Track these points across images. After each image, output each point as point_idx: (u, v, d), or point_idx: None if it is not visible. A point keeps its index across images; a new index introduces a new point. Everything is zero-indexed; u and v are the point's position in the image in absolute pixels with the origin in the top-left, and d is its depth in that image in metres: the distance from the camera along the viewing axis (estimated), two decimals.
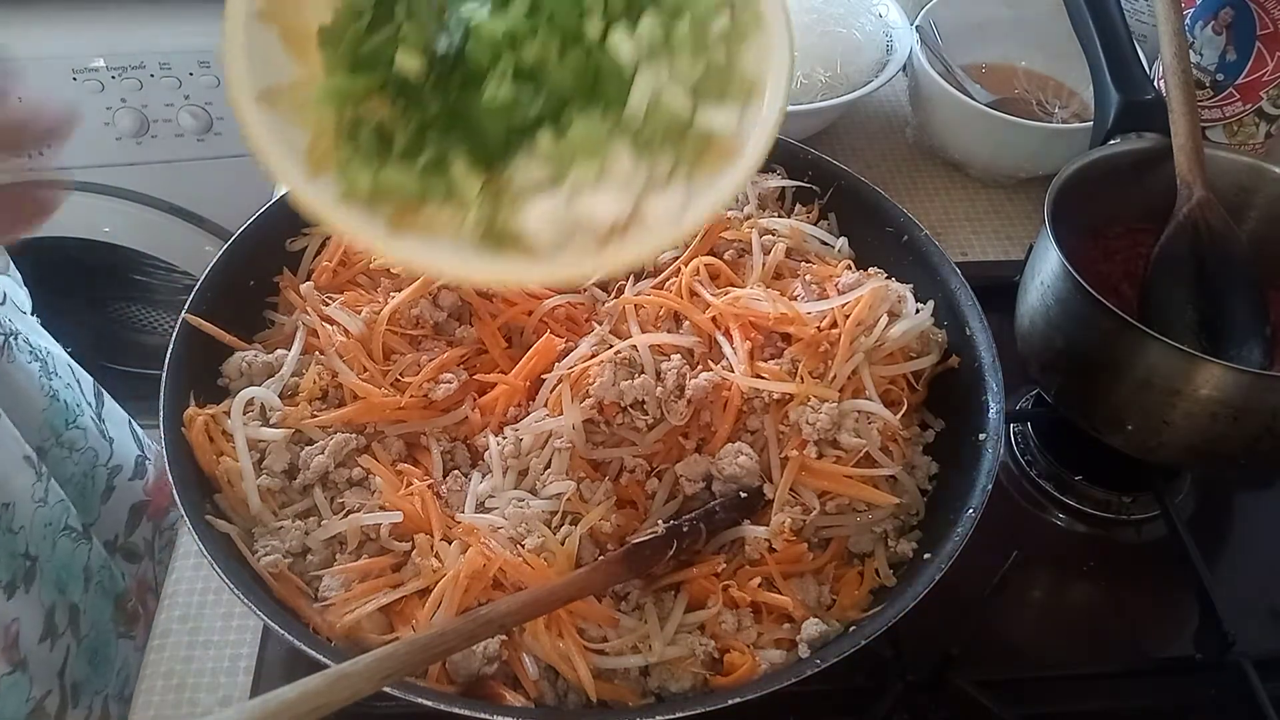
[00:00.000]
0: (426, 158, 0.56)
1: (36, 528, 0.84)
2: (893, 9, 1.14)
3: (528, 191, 0.57)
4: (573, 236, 0.57)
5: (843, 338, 0.75)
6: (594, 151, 0.56)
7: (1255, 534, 0.88)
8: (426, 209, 0.57)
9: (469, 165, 0.56)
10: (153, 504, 1.05)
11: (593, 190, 0.56)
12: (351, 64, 0.56)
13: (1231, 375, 0.69)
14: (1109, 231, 0.87)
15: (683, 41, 0.57)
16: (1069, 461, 0.87)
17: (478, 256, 0.57)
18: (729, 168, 0.59)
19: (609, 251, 0.57)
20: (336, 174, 0.56)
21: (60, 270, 1.65)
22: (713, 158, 0.59)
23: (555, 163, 0.56)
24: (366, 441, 0.74)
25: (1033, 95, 1.12)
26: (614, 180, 0.56)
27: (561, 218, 0.56)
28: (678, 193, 0.58)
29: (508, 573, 0.66)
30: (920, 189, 1.13)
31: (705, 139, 0.59)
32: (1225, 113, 1.02)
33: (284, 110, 0.56)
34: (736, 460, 0.71)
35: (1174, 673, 0.77)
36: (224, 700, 0.72)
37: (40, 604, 0.83)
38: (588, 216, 0.57)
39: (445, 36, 0.55)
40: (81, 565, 0.90)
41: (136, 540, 1.03)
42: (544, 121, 0.56)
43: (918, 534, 0.72)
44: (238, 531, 0.68)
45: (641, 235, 0.58)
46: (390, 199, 0.57)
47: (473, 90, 0.55)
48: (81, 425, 0.96)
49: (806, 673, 0.61)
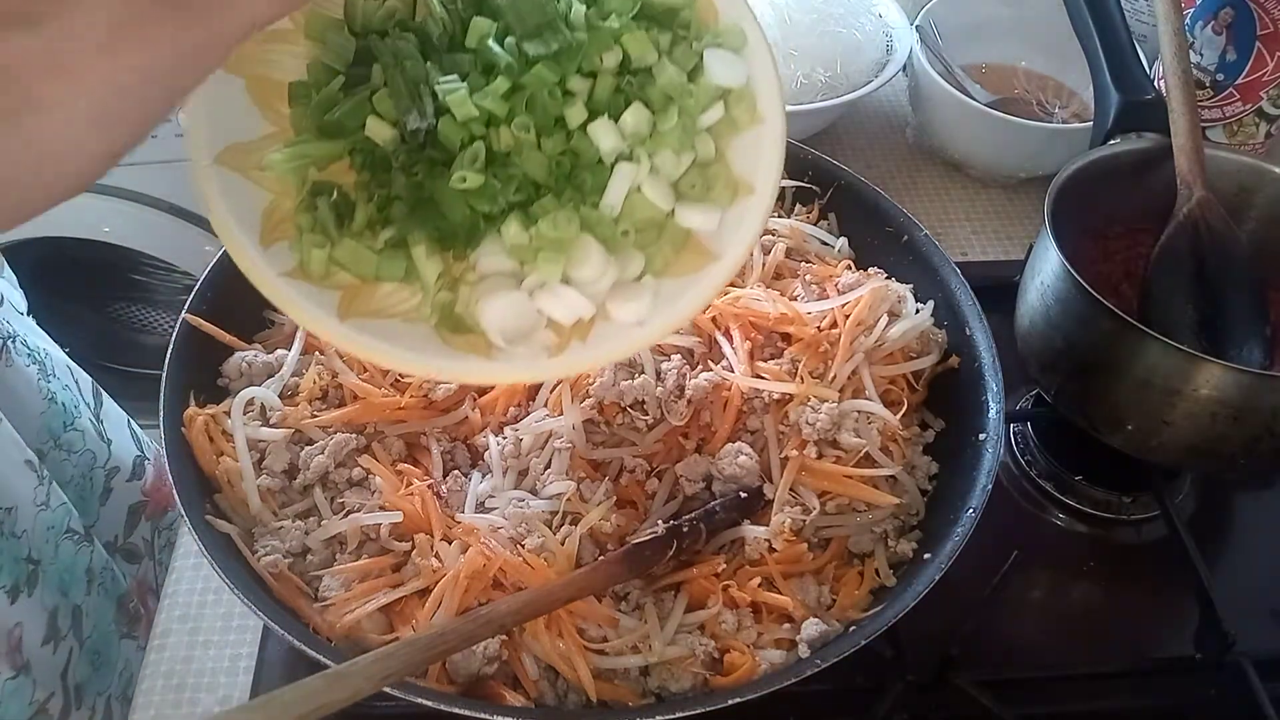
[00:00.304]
0: (387, 237, 0.54)
1: (39, 531, 0.84)
2: (893, 9, 1.14)
3: (490, 280, 0.54)
4: (531, 333, 0.54)
5: (843, 338, 0.75)
6: (562, 248, 0.53)
7: (1255, 534, 0.87)
8: (382, 288, 0.54)
9: (430, 248, 0.53)
10: (151, 504, 1.05)
11: (557, 288, 0.54)
12: (320, 127, 0.53)
13: (1231, 375, 0.69)
14: (1109, 231, 0.87)
15: (669, 135, 0.54)
16: (1069, 461, 0.87)
17: (429, 348, 0.54)
18: (704, 273, 0.56)
19: (567, 355, 0.55)
20: (292, 243, 0.53)
21: (60, 270, 1.65)
22: (688, 256, 0.56)
23: (520, 254, 0.54)
24: (366, 441, 0.74)
25: (1033, 95, 1.12)
26: (581, 279, 0.54)
27: (522, 313, 0.54)
28: (646, 296, 0.55)
29: (508, 573, 0.65)
30: (920, 189, 1.13)
31: (682, 236, 0.56)
32: (1225, 113, 1.02)
33: (245, 168, 0.52)
34: (736, 460, 0.71)
35: (1174, 673, 0.77)
36: (224, 700, 0.72)
37: (43, 607, 0.83)
38: (550, 314, 0.54)
39: (418, 115, 0.52)
40: (84, 567, 0.90)
41: (136, 540, 1.03)
42: (513, 208, 0.53)
43: (918, 534, 0.72)
44: (238, 531, 0.68)
45: (603, 339, 0.55)
46: (344, 274, 0.54)
47: (441, 171, 0.53)
48: (80, 427, 0.96)
49: (806, 673, 0.61)
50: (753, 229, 0.56)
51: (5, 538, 0.80)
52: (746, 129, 0.56)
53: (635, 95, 0.54)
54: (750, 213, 0.56)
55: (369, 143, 0.53)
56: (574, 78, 0.52)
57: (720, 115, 0.56)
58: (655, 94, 0.54)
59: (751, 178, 0.56)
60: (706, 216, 0.55)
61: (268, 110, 0.53)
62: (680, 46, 0.55)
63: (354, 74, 0.53)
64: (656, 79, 0.53)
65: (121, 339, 1.82)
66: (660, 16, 0.54)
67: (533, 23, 0.51)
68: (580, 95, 0.53)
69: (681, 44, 0.55)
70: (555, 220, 0.52)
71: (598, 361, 0.57)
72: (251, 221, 0.52)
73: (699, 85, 0.55)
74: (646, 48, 0.53)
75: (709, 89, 0.55)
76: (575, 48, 0.52)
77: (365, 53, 0.53)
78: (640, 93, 0.54)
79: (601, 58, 0.53)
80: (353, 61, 0.53)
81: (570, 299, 0.54)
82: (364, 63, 0.53)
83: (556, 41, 0.51)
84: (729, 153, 0.57)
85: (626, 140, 0.54)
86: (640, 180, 0.54)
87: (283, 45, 0.53)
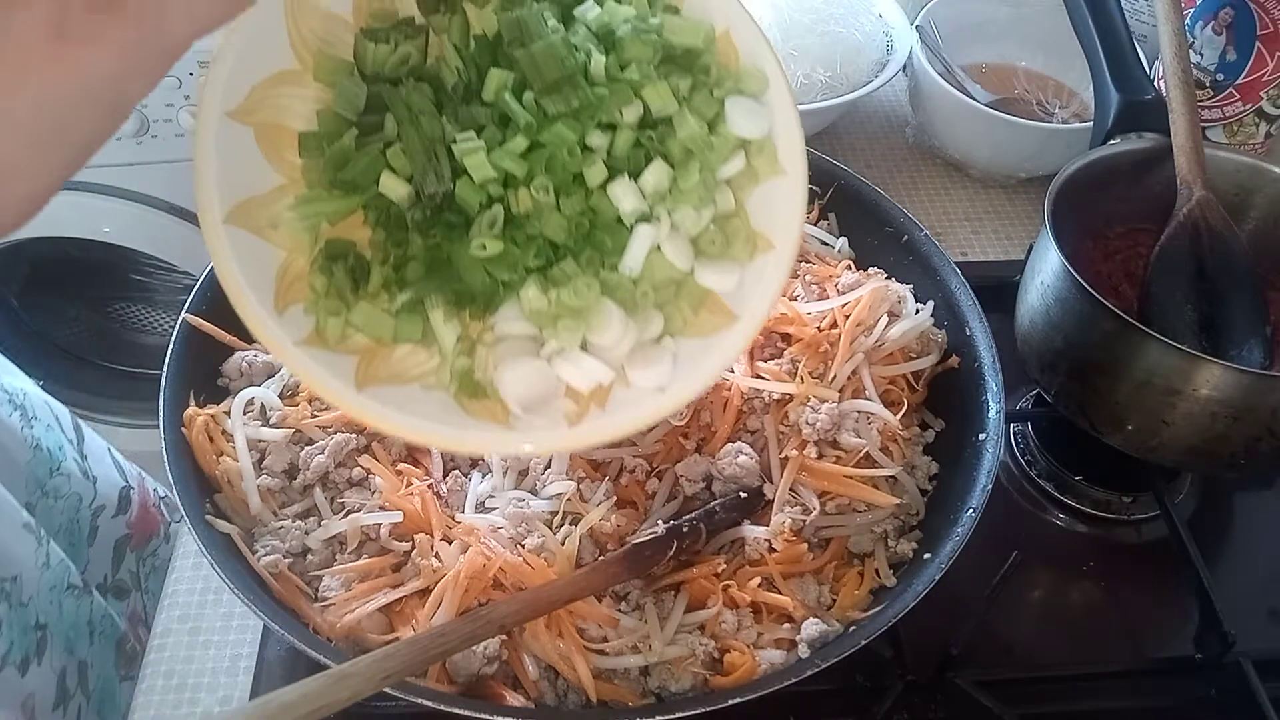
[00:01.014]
0: (403, 300, 0.52)
1: (43, 594, 0.82)
2: (893, 9, 1.14)
3: (507, 343, 0.53)
4: (550, 401, 0.53)
5: (843, 338, 0.75)
6: (582, 316, 0.52)
7: (1255, 534, 0.87)
8: (399, 350, 0.53)
9: (448, 312, 0.52)
10: (135, 536, 1.02)
11: (576, 355, 0.53)
12: (332, 181, 0.51)
13: (1231, 375, 0.69)
14: (1109, 231, 0.87)
15: (690, 192, 0.52)
16: (1069, 461, 0.87)
17: (448, 417, 0.53)
18: (723, 334, 0.54)
19: (586, 424, 0.54)
20: (307, 306, 0.52)
21: (60, 270, 1.65)
22: (706, 315, 0.55)
23: (539, 320, 0.53)
24: (366, 441, 0.74)
25: (1033, 95, 1.12)
26: (600, 344, 0.53)
27: (541, 380, 0.53)
28: (666, 360, 0.54)
29: (508, 573, 0.65)
30: (920, 189, 1.13)
31: (700, 293, 0.55)
32: (1225, 113, 1.02)
33: (256, 226, 0.51)
34: (736, 460, 0.71)
35: (1174, 673, 0.77)
36: (224, 700, 0.72)
37: (53, 671, 0.81)
38: (569, 381, 0.53)
39: (435, 178, 0.50)
40: (85, 620, 0.88)
41: (124, 575, 1.00)
42: (531, 272, 0.52)
43: (918, 534, 0.72)
44: (238, 531, 0.68)
45: (623, 406, 0.54)
46: (361, 336, 0.53)
47: (459, 235, 0.51)
48: (65, 470, 0.93)
49: (806, 673, 0.61)
50: (773, 287, 0.54)
51: (14, 609, 0.78)
52: (767, 180, 0.55)
53: (655, 150, 0.52)
54: (770, 269, 0.54)
55: (383, 199, 0.52)
56: (593, 132, 0.51)
57: (741, 167, 0.54)
58: (675, 147, 0.52)
59: (771, 232, 0.55)
60: (726, 276, 0.54)
61: (277, 160, 0.52)
62: (700, 93, 0.53)
63: (366, 122, 0.52)
64: (677, 132, 0.52)
65: (121, 339, 1.82)
66: (680, 60, 0.53)
67: (551, 77, 0.50)
68: (600, 151, 0.51)
69: (702, 90, 0.53)
70: (575, 288, 0.51)
71: (619, 431, 0.55)
72: (265, 284, 0.51)
73: (719, 135, 0.53)
74: (668, 100, 0.51)
75: (730, 139, 0.53)
76: (596, 104, 0.50)
77: (377, 98, 0.52)
78: (660, 146, 0.52)
79: (622, 111, 0.51)
80: (365, 108, 0.51)
81: (589, 366, 0.53)
82: (376, 109, 0.52)
83: (576, 98, 0.50)
84: (748, 204, 0.55)
85: (647, 199, 0.52)
86: (660, 240, 0.53)
87: (291, 88, 0.51)
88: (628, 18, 0.52)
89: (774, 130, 0.54)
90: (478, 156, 0.50)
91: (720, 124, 0.54)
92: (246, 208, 0.50)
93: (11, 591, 0.79)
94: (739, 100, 0.54)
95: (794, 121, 0.54)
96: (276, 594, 0.66)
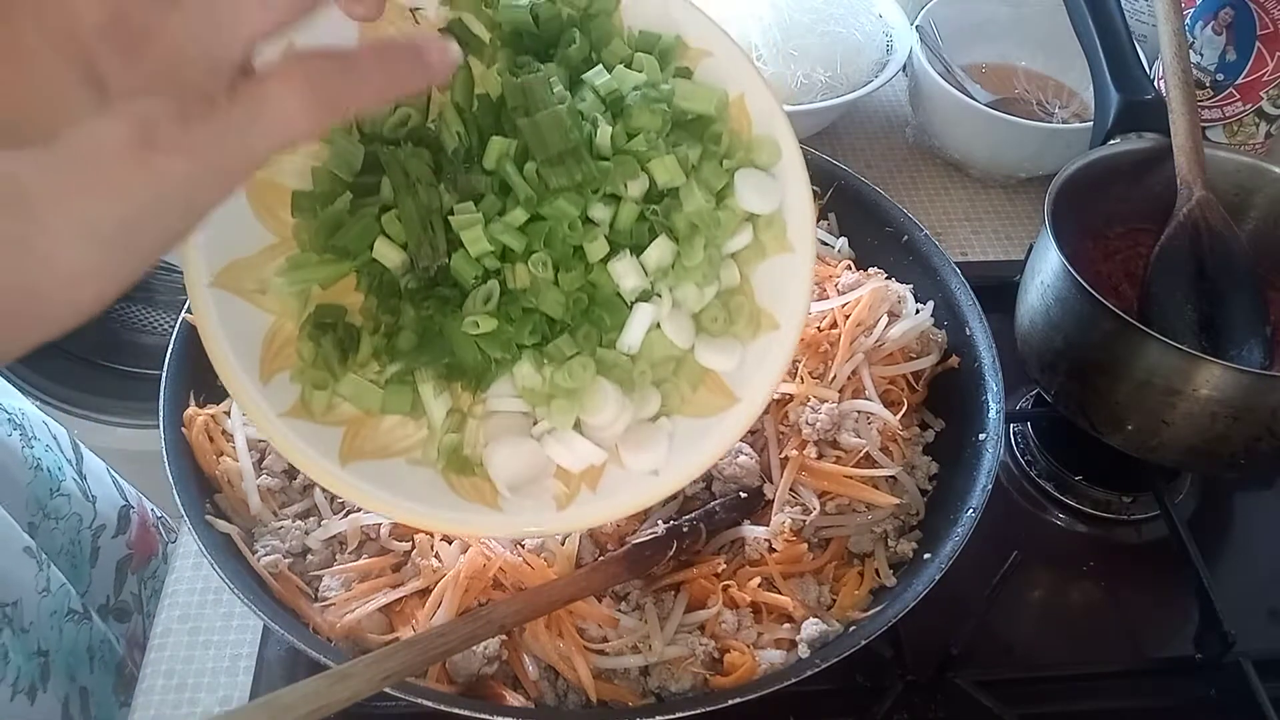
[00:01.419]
0: (393, 370, 0.51)
1: (43, 619, 0.81)
2: (893, 9, 1.14)
3: (498, 418, 0.52)
4: (539, 480, 0.52)
5: (843, 338, 0.75)
6: (577, 397, 0.50)
7: (1255, 534, 0.87)
8: (386, 421, 0.52)
9: (439, 385, 0.51)
10: (136, 556, 1.01)
11: (568, 436, 0.51)
12: (324, 246, 0.49)
13: (1231, 375, 0.69)
14: (1109, 231, 0.87)
15: (695, 269, 0.50)
16: (1069, 461, 0.87)
17: (434, 497, 0.51)
18: (722, 416, 0.53)
19: (575, 508, 0.52)
20: (293, 374, 0.50)
21: None
22: (705, 394, 0.54)
23: (532, 399, 0.51)
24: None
25: (1033, 95, 1.12)
26: (594, 424, 0.51)
27: (531, 461, 0.51)
28: (662, 442, 0.53)
29: (508, 573, 0.65)
30: (920, 189, 1.13)
31: (699, 372, 0.53)
32: (1225, 113, 1.02)
33: (244, 290, 0.49)
34: (736, 460, 0.71)
35: (1174, 673, 0.77)
36: (224, 700, 0.72)
37: (58, 700, 0.81)
38: (559, 462, 0.52)
39: (430, 251, 0.49)
40: (85, 646, 0.87)
41: (126, 598, 0.99)
42: (526, 349, 0.50)
43: (918, 534, 0.72)
44: (238, 531, 0.68)
45: (615, 489, 0.53)
46: (347, 406, 0.51)
47: (453, 309, 0.50)
48: (65, 491, 0.92)
49: (806, 673, 0.61)
50: (776, 368, 0.53)
51: (16, 634, 0.77)
52: (774, 256, 0.53)
53: (660, 225, 0.50)
54: (773, 351, 0.53)
55: (377, 265, 0.50)
56: (595, 204, 0.49)
57: (748, 241, 0.53)
58: (681, 221, 0.50)
59: (776, 310, 0.53)
60: (727, 355, 0.53)
61: (268, 218, 0.50)
62: (710, 164, 0.51)
63: (362, 184, 0.50)
64: (684, 205, 0.50)
65: (121, 339, 1.82)
66: (691, 126, 0.51)
67: (555, 149, 0.47)
68: (602, 225, 0.49)
69: (711, 160, 0.51)
70: (570, 370, 0.50)
71: (609, 516, 0.54)
72: (251, 351, 0.49)
73: (726, 209, 0.51)
74: (675, 174, 0.50)
75: (737, 213, 0.52)
76: (600, 177, 0.48)
77: (374, 159, 0.50)
78: (665, 220, 0.50)
79: (626, 184, 0.50)
80: (361, 169, 0.50)
81: (581, 447, 0.52)
82: (373, 170, 0.50)
83: (580, 171, 0.48)
84: (753, 280, 0.54)
85: (649, 276, 0.51)
86: (660, 317, 0.51)
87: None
88: (638, 84, 0.50)
89: (784, 205, 0.52)
90: (475, 230, 0.48)
91: (729, 196, 0.52)
92: (234, 270, 0.49)
93: (13, 617, 0.78)
94: (749, 173, 0.52)
95: (805, 196, 0.52)
96: (276, 594, 0.66)
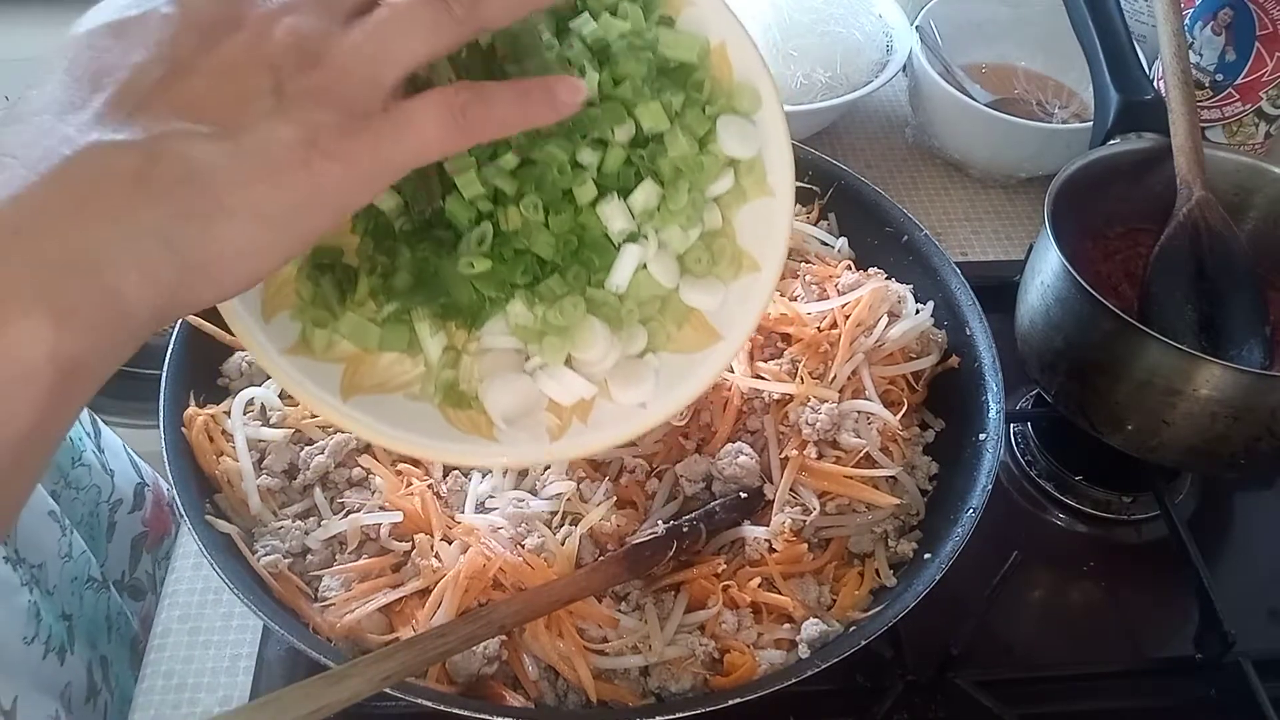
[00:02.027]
0: (390, 309, 0.53)
1: (65, 584, 0.83)
2: (892, 9, 1.14)
3: (492, 355, 0.54)
4: (532, 413, 0.54)
5: (843, 338, 0.75)
6: (567, 334, 0.52)
7: (1255, 534, 0.87)
8: (385, 358, 0.54)
9: (434, 324, 0.53)
10: (150, 534, 1.02)
11: (559, 371, 0.53)
12: None
13: (1231, 375, 0.69)
14: (1109, 231, 0.87)
15: (679, 212, 0.53)
16: (1069, 461, 0.87)
17: (432, 429, 0.54)
18: (706, 353, 0.55)
19: (568, 439, 0.55)
20: (293, 312, 0.52)
21: None
22: (690, 332, 0.56)
23: (524, 335, 0.53)
24: (367, 441, 0.74)
25: (1033, 95, 1.12)
26: (584, 360, 0.53)
27: (524, 395, 0.54)
28: (648, 378, 0.55)
29: (508, 573, 0.65)
30: (920, 189, 1.13)
31: (684, 310, 0.55)
32: (1225, 113, 1.02)
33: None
34: (736, 460, 0.71)
35: (1174, 673, 0.77)
36: (224, 700, 0.72)
37: (82, 664, 0.81)
38: (551, 395, 0.54)
39: (425, 197, 0.51)
40: (104, 615, 0.88)
41: (140, 576, 1.00)
42: (518, 288, 0.52)
43: (918, 534, 0.72)
44: (238, 531, 0.68)
45: (605, 421, 0.55)
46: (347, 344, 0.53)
47: (447, 250, 0.51)
48: (86, 462, 0.93)
49: (806, 673, 0.61)
50: (757, 307, 0.55)
51: (43, 596, 0.78)
52: (754, 200, 0.55)
53: (646, 169, 0.52)
54: (754, 290, 0.55)
55: (372, 208, 0.52)
56: (584, 149, 0.51)
57: (730, 186, 0.54)
58: (666, 165, 0.52)
59: (757, 252, 0.55)
60: (710, 294, 0.55)
61: None
62: (692, 110, 0.53)
63: None
64: (668, 150, 0.52)
65: None
66: (674, 74, 0.53)
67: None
68: (590, 169, 0.51)
69: (694, 108, 0.53)
70: (561, 308, 0.51)
71: (600, 445, 0.56)
72: (253, 291, 0.51)
73: (709, 154, 0.53)
74: (660, 119, 0.51)
75: (719, 158, 0.53)
76: (589, 122, 0.50)
77: None
78: (651, 165, 0.52)
79: (614, 129, 0.51)
80: None
81: (572, 382, 0.54)
82: None
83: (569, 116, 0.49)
84: (734, 223, 0.55)
85: (636, 218, 0.52)
86: (647, 258, 0.53)
87: None
88: (623, 32, 0.51)
89: (764, 151, 0.54)
90: (468, 175, 0.49)
91: (711, 142, 0.53)
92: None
93: (40, 579, 0.79)
94: (731, 119, 0.53)
95: (784, 142, 0.54)
96: (276, 594, 0.66)
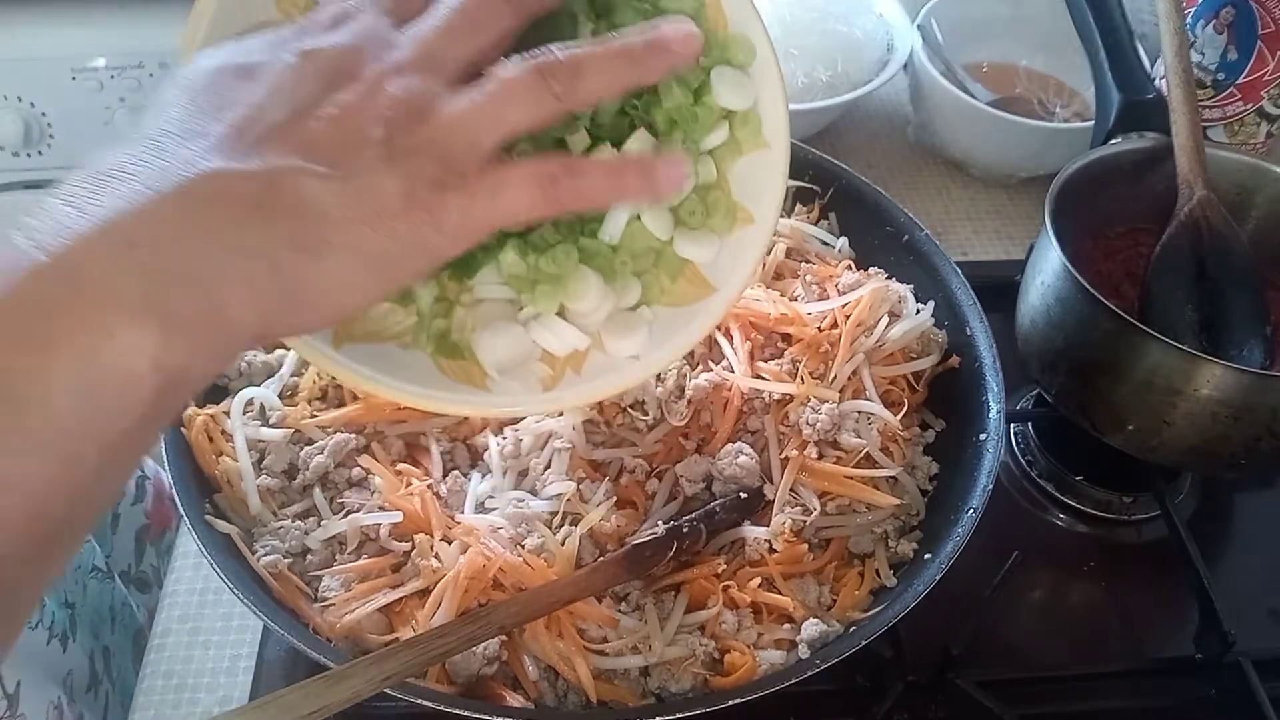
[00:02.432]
0: None
1: (68, 572, 0.83)
2: (894, 8, 1.14)
3: (485, 305, 0.54)
4: (526, 364, 0.54)
5: (843, 338, 0.75)
6: (560, 283, 0.52)
7: (1255, 534, 0.87)
8: (378, 307, 0.54)
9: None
10: (152, 526, 1.02)
11: (553, 321, 0.53)
12: None
13: (1232, 375, 0.69)
14: (1110, 231, 0.86)
15: None
16: (1069, 461, 0.87)
17: (425, 378, 0.54)
18: (701, 305, 0.55)
19: (561, 389, 0.55)
20: None
21: None
22: (684, 285, 0.56)
23: (517, 285, 0.53)
24: (366, 441, 0.74)
25: (1034, 95, 1.12)
26: (577, 311, 0.53)
27: (517, 345, 0.53)
28: (642, 329, 0.55)
29: (508, 573, 0.65)
30: (920, 189, 1.13)
31: (678, 263, 0.55)
32: (1226, 112, 1.01)
33: None
34: (736, 461, 0.71)
35: (1174, 673, 0.77)
36: (224, 700, 0.72)
37: (84, 652, 0.82)
38: (544, 346, 0.54)
39: None
40: (108, 605, 0.88)
41: (146, 568, 1.01)
42: (510, 237, 0.52)
43: (918, 534, 0.72)
44: (238, 531, 0.68)
45: (598, 372, 0.55)
46: None
47: None
48: None
49: (806, 673, 0.61)
50: (752, 260, 0.55)
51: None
52: (749, 153, 0.55)
53: (639, 119, 0.52)
54: (749, 243, 0.55)
55: None
56: None
57: (724, 138, 0.54)
58: (660, 116, 0.52)
59: (752, 205, 0.55)
60: (705, 247, 0.54)
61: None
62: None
63: None
64: (663, 101, 0.52)
65: None
66: None
67: (540, 42, 0.48)
68: (583, 119, 0.51)
69: None
70: (554, 256, 0.51)
71: (593, 396, 0.56)
72: None
73: (703, 106, 0.53)
74: None
75: (714, 110, 0.53)
76: None
77: None
78: (645, 115, 0.52)
79: None
80: None
81: (565, 332, 0.53)
82: None
83: None
84: (729, 176, 0.55)
85: None
86: (640, 209, 0.53)
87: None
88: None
89: (759, 102, 0.54)
90: None
91: (705, 94, 0.53)
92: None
93: None
94: (725, 70, 0.53)
95: (779, 94, 0.54)
96: (276, 594, 0.66)
